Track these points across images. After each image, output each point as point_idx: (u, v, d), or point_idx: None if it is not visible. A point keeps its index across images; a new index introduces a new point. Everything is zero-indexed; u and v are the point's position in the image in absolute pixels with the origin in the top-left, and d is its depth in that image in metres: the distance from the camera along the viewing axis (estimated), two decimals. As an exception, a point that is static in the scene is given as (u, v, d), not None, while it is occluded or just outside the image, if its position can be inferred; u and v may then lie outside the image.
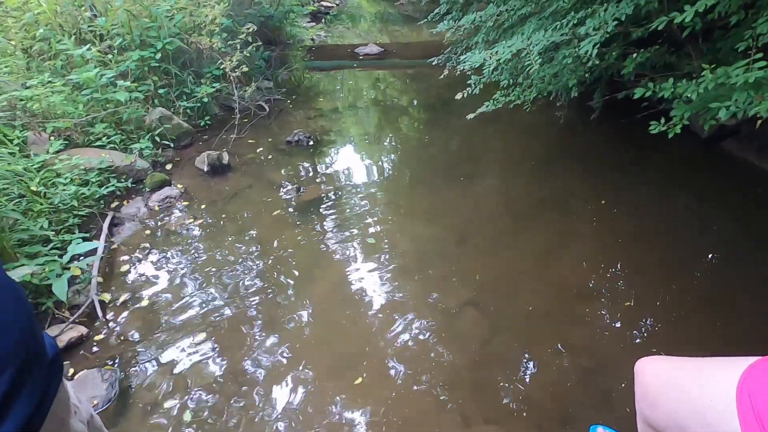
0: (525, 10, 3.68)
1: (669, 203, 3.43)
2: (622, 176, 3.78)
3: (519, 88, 3.78)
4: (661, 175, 3.76)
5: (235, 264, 2.96)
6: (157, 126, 4.26)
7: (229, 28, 5.26)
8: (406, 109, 5.95)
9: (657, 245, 3.00)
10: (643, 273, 2.79)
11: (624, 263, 2.89)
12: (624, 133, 4.33)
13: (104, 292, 2.70)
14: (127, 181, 3.61)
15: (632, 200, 3.49)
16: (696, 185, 3.64)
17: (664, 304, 2.56)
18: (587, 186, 3.70)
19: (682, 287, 2.65)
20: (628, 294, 2.64)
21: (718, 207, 3.34)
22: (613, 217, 3.33)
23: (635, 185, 3.66)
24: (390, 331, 2.45)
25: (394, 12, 12.65)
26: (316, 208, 3.55)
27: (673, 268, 2.79)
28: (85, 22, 4.37)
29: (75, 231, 2.99)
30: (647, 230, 3.15)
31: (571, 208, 3.49)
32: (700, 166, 3.86)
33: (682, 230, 3.14)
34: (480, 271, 2.86)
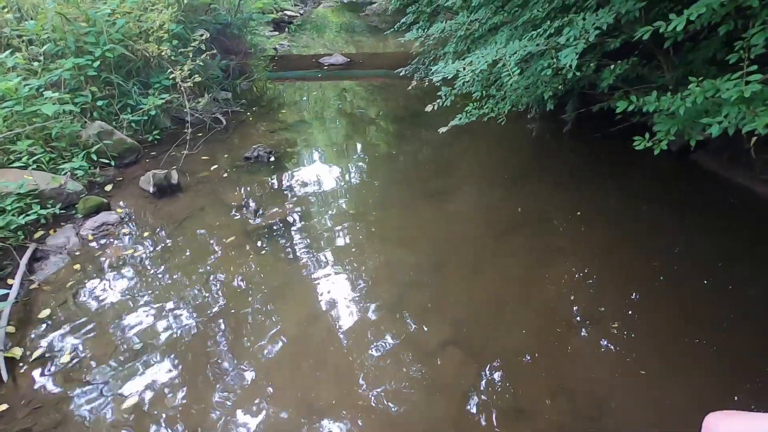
0: (497, 19, 3.51)
1: (644, 215, 3.30)
2: (596, 189, 3.65)
3: (492, 100, 3.59)
4: (634, 188, 3.65)
5: (180, 306, 2.56)
6: (96, 142, 3.78)
7: (180, 35, 4.85)
8: (374, 121, 5.69)
9: (635, 259, 2.85)
10: (626, 287, 2.63)
11: (606, 279, 2.72)
12: (596, 145, 4.22)
13: (15, 346, 2.23)
14: (54, 207, 3.13)
15: (608, 213, 3.35)
16: (670, 197, 3.53)
17: (648, 320, 2.38)
18: (563, 199, 3.54)
19: (664, 301, 2.50)
20: (615, 314, 2.44)
21: (694, 216, 3.25)
22: (590, 230, 3.17)
23: (610, 198, 3.53)
24: (363, 379, 2.13)
25: (360, 23, 12.48)
26: (277, 233, 3.20)
27: (653, 282, 2.64)
28: (9, 25, 3.86)
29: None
30: (624, 243, 3.00)
31: (548, 223, 3.30)
32: (672, 177, 3.79)
33: (660, 243, 3.00)
34: (460, 301, 2.59)
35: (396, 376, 2.14)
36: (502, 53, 2.74)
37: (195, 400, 2.03)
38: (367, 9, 13.80)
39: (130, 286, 2.69)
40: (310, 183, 3.93)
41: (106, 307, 2.52)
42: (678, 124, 2.35)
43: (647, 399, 2.00)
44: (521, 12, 3.42)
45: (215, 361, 2.23)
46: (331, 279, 2.78)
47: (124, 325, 2.41)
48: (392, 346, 2.31)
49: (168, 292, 2.66)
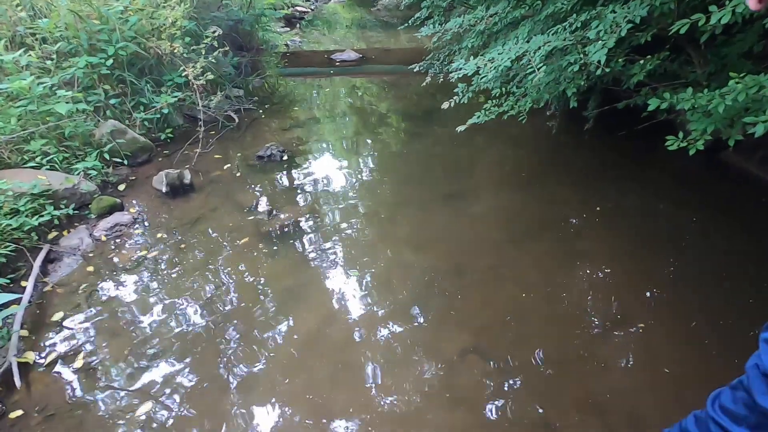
0: (517, 13, 3.38)
1: (671, 217, 3.17)
2: (619, 189, 3.51)
3: (512, 97, 3.47)
4: (660, 188, 3.51)
5: (193, 308, 2.51)
6: (109, 141, 3.75)
7: (192, 32, 4.80)
8: (387, 119, 5.59)
9: (662, 261, 2.73)
10: (653, 293, 2.51)
11: (632, 284, 2.60)
12: (619, 143, 4.08)
13: (28, 351, 2.20)
14: (68, 208, 3.10)
15: (632, 214, 3.23)
16: (698, 198, 3.38)
17: (679, 327, 2.27)
18: (584, 200, 3.41)
19: (694, 304, 2.38)
20: (643, 320, 2.33)
21: (723, 218, 3.11)
22: (614, 233, 3.04)
23: (634, 198, 3.40)
24: (379, 388, 2.05)
25: (371, 18, 12.36)
26: (291, 235, 3.13)
27: (681, 284, 2.52)
28: (23, 23, 3.83)
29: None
30: (649, 246, 2.87)
31: (569, 225, 3.18)
32: (700, 177, 3.63)
33: (688, 245, 2.87)
34: (481, 309, 2.50)
35: (413, 385, 2.06)
36: (524, 48, 2.63)
37: (210, 405, 1.98)
38: (377, 4, 13.65)
39: (143, 288, 2.65)
40: (323, 182, 3.85)
41: (120, 310, 2.48)
42: (716, 123, 2.22)
43: (685, 412, 1.89)
44: (543, 5, 3.29)
45: (229, 364, 2.17)
46: (346, 282, 2.70)
47: (138, 328, 2.37)
48: (409, 352, 2.23)
49: (181, 294, 2.61)
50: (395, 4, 12.69)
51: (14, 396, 1.99)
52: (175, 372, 2.14)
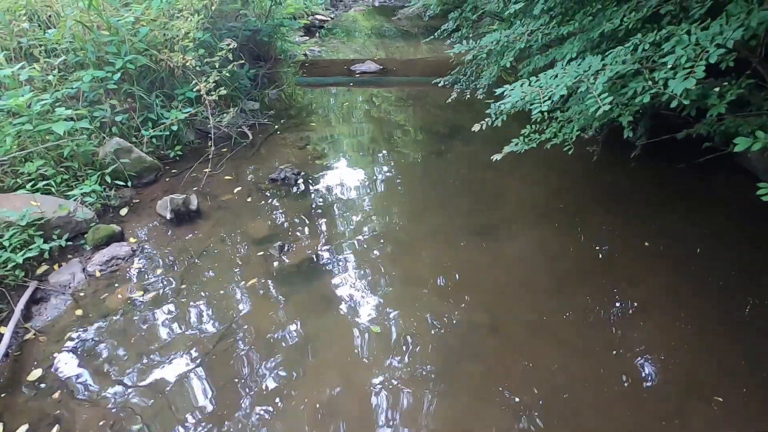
0: (564, 30, 3.00)
1: (737, 262, 2.74)
2: (673, 227, 3.10)
3: (555, 123, 3.09)
4: (723, 228, 3.07)
5: (190, 368, 2.17)
6: (112, 161, 3.48)
7: (206, 43, 4.53)
8: (409, 136, 5.24)
9: (732, 315, 2.31)
10: (727, 355, 2.10)
11: (704, 345, 2.20)
12: (671, 174, 3.65)
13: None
14: (61, 239, 2.82)
15: (690, 257, 2.82)
16: (763, 239, 2.94)
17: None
18: (633, 238, 3.01)
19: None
20: (720, 387, 1.93)
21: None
22: (671, 278, 2.64)
23: (691, 239, 2.98)
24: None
25: (391, 27, 12.08)
26: (304, 275, 2.79)
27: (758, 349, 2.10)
28: (26, 34, 3.61)
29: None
30: (717, 295, 2.46)
31: (617, 268, 2.79)
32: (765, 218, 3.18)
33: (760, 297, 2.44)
34: (523, 378, 2.11)
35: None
36: (579, 73, 2.24)
37: None
38: (398, 13, 13.39)
39: (133, 341, 2.33)
40: (340, 210, 3.51)
41: (104, 370, 2.16)
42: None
43: None
44: (595, 21, 2.91)
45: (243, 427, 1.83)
46: (363, 338, 2.35)
47: (122, 397, 2.04)
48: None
49: (178, 350, 2.28)
50: (417, 13, 12.40)
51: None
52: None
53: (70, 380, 2.12)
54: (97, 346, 2.30)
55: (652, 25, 2.55)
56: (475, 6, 5.13)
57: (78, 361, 2.21)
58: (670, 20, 2.47)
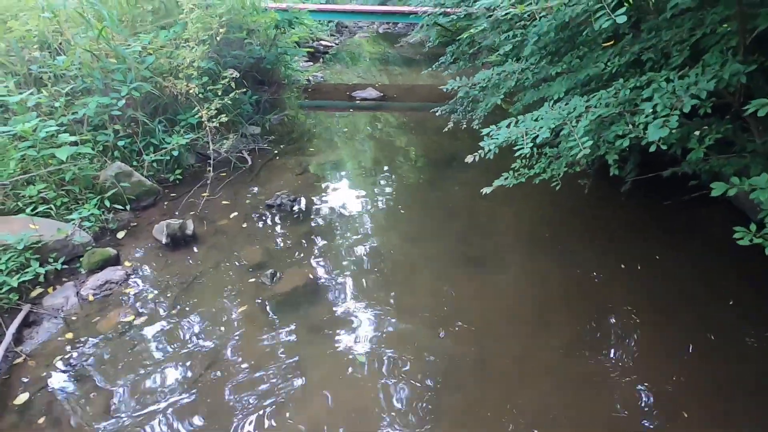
0: (552, 70, 3.11)
1: (728, 304, 2.75)
2: (662, 263, 3.13)
3: (544, 158, 3.17)
4: (712, 265, 3.10)
5: (176, 397, 2.19)
6: (113, 185, 3.56)
7: (210, 71, 4.68)
8: (405, 164, 5.33)
9: (722, 361, 2.32)
10: (714, 396, 2.10)
11: (690, 384, 2.21)
12: (660, 207, 3.71)
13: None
14: (57, 262, 2.88)
15: (680, 295, 2.83)
16: (758, 281, 2.97)
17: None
18: (621, 273, 3.04)
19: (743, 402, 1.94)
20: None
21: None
22: (657, 315, 2.68)
23: (679, 275, 3.01)
24: None
25: (394, 53, 12.39)
26: (294, 304, 2.82)
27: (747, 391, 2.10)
28: (37, 62, 3.75)
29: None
30: (704, 338, 2.48)
31: (605, 302, 2.81)
32: (755, 253, 3.22)
33: (748, 341, 2.45)
34: (504, 415, 2.12)
35: None
36: (563, 116, 2.33)
37: None
38: (401, 40, 13.75)
39: (122, 366, 2.35)
40: (334, 238, 3.57)
41: (91, 396, 2.18)
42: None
43: None
44: (582, 63, 3.02)
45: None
46: (353, 370, 2.36)
47: (108, 424, 2.06)
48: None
49: (167, 375, 2.31)
50: (419, 41, 12.74)
51: None
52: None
53: (57, 405, 2.14)
54: (86, 370, 2.32)
55: (635, 69, 2.66)
56: (472, 40, 5.30)
57: (65, 386, 2.23)
58: (652, 66, 2.57)
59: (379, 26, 16.99)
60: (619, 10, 1.81)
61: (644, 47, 2.57)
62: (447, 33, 7.81)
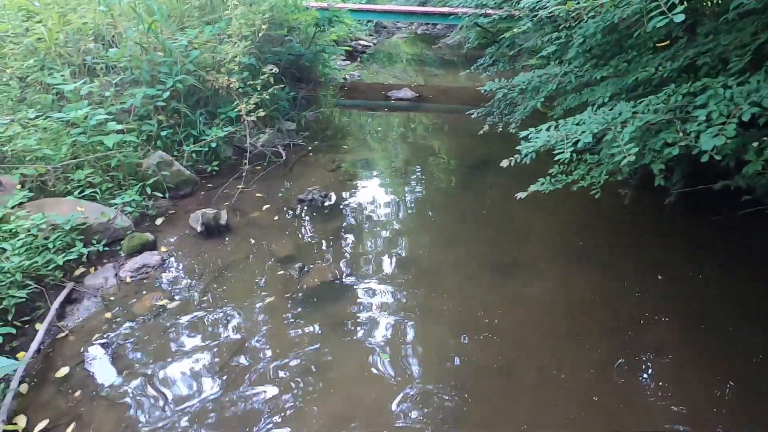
0: (598, 73, 3.00)
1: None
2: (710, 282, 2.95)
3: (583, 165, 3.05)
4: (762, 286, 2.90)
5: (202, 380, 2.25)
6: (154, 173, 3.70)
7: (251, 67, 4.79)
8: (438, 165, 5.29)
9: (760, 387, 2.16)
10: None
11: (722, 408, 2.05)
12: (705, 225, 3.50)
13: (20, 414, 2.02)
14: (99, 244, 3.01)
15: (730, 320, 2.64)
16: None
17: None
18: (666, 293, 2.88)
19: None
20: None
21: None
22: (700, 345, 2.50)
23: (731, 298, 2.82)
24: None
25: (432, 54, 12.32)
26: (320, 299, 2.84)
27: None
28: (90, 53, 3.95)
29: (8, 316, 2.36)
30: (745, 364, 2.30)
31: (644, 323, 2.67)
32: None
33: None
34: (530, 427, 2.05)
35: None
36: (608, 121, 2.23)
37: None
38: (440, 41, 13.66)
39: (154, 347, 2.44)
40: (363, 235, 3.57)
41: (125, 373, 2.27)
42: None
43: None
44: (630, 67, 2.89)
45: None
46: (373, 366, 2.35)
47: (139, 400, 2.13)
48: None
49: (196, 358, 2.37)
50: (458, 42, 12.61)
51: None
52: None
53: (92, 380, 2.23)
54: (121, 348, 2.42)
55: (689, 75, 2.52)
56: (513, 42, 5.20)
57: (101, 362, 2.33)
58: (708, 71, 2.43)
59: (417, 27, 16.94)
60: (676, 9, 1.72)
61: (700, 51, 2.43)
62: (487, 34, 7.68)
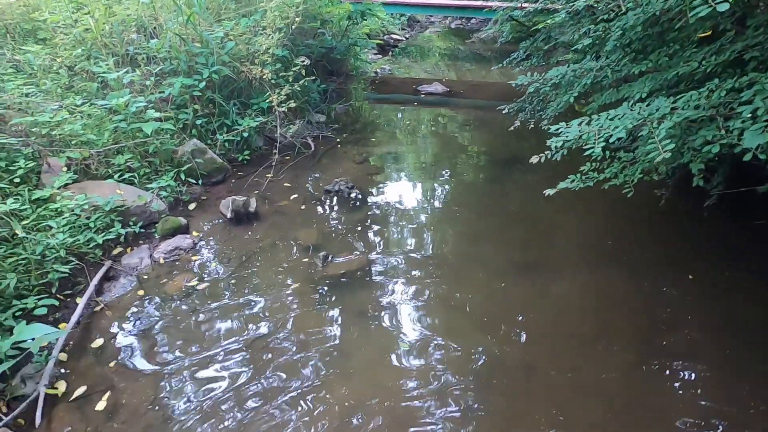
0: (636, 68, 2.88)
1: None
2: (749, 291, 2.80)
3: (617, 162, 2.95)
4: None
5: (228, 358, 2.33)
6: (188, 160, 3.84)
7: (283, 59, 4.88)
8: (466, 160, 5.24)
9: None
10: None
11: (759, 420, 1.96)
12: (748, 229, 3.32)
13: (60, 380, 2.15)
14: (136, 225, 3.16)
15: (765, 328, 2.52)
16: None
17: None
18: (698, 300, 2.76)
19: None
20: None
21: None
22: (734, 352, 2.38)
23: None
24: None
25: (464, 49, 12.16)
26: (343, 288, 2.88)
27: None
28: (132, 43, 4.12)
29: (52, 289, 2.51)
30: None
31: (677, 331, 2.57)
32: None
33: None
34: (548, 427, 2.02)
35: None
36: (644, 116, 2.15)
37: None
38: (473, 36, 13.45)
39: (183, 325, 2.54)
40: (388, 228, 3.59)
41: (155, 349, 2.38)
42: None
43: None
44: (671, 62, 2.77)
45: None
46: (395, 357, 2.37)
47: (165, 373, 2.24)
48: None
49: (222, 338, 2.47)
50: (491, 37, 12.38)
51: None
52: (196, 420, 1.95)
53: (126, 353, 2.36)
54: (153, 325, 2.54)
55: (734, 70, 2.39)
56: (548, 36, 5.06)
57: (134, 337, 2.46)
58: (756, 66, 2.30)
59: (451, 21, 16.73)
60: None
61: (749, 45, 2.30)
62: (521, 28, 7.51)
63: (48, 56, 3.93)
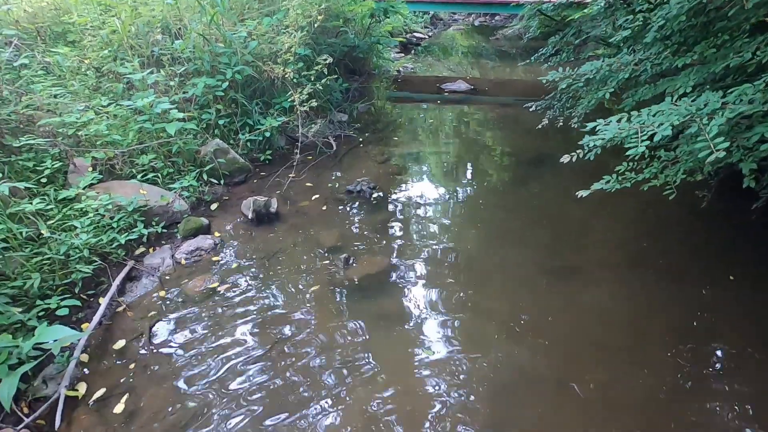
0: (679, 61, 2.69)
1: None
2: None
3: (657, 162, 2.76)
4: None
5: (247, 363, 2.28)
6: (211, 160, 3.84)
7: (306, 58, 4.84)
8: (492, 159, 5.08)
9: None
10: None
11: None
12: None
13: (81, 382, 2.14)
14: (158, 226, 3.16)
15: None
16: None
17: None
18: (741, 309, 2.56)
19: None
20: None
21: None
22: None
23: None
24: None
25: (489, 47, 11.93)
26: (364, 291, 2.80)
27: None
28: (157, 44, 4.15)
29: (75, 289, 2.52)
30: None
31: (717, 340, 2.37)
32: None
33: None
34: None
35: None
36: (691, 111, 1.98)
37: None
38: (497, 33, 13.20)
39: (204, 327, 2.51)
40: (411, 230, 3.49)
41: (174, 352, 2.35)
42: None
43: None
44: (720, 53, 2.56)
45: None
46: (417, 365, 2.27)
47: (187, 377, 2.20)
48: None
49: (243, 341, 2.42)
50: (516, 34, 12.11)
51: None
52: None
53: (146, 354, 2.34)
54: (174, 327, 2.52)
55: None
56: (579, 30, 4.85)
57: (156, 339, 2.43)
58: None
59: (474, 19, 16.47)
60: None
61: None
62: (550, 23, 7.27)
63: (76, 58, 3.99)
